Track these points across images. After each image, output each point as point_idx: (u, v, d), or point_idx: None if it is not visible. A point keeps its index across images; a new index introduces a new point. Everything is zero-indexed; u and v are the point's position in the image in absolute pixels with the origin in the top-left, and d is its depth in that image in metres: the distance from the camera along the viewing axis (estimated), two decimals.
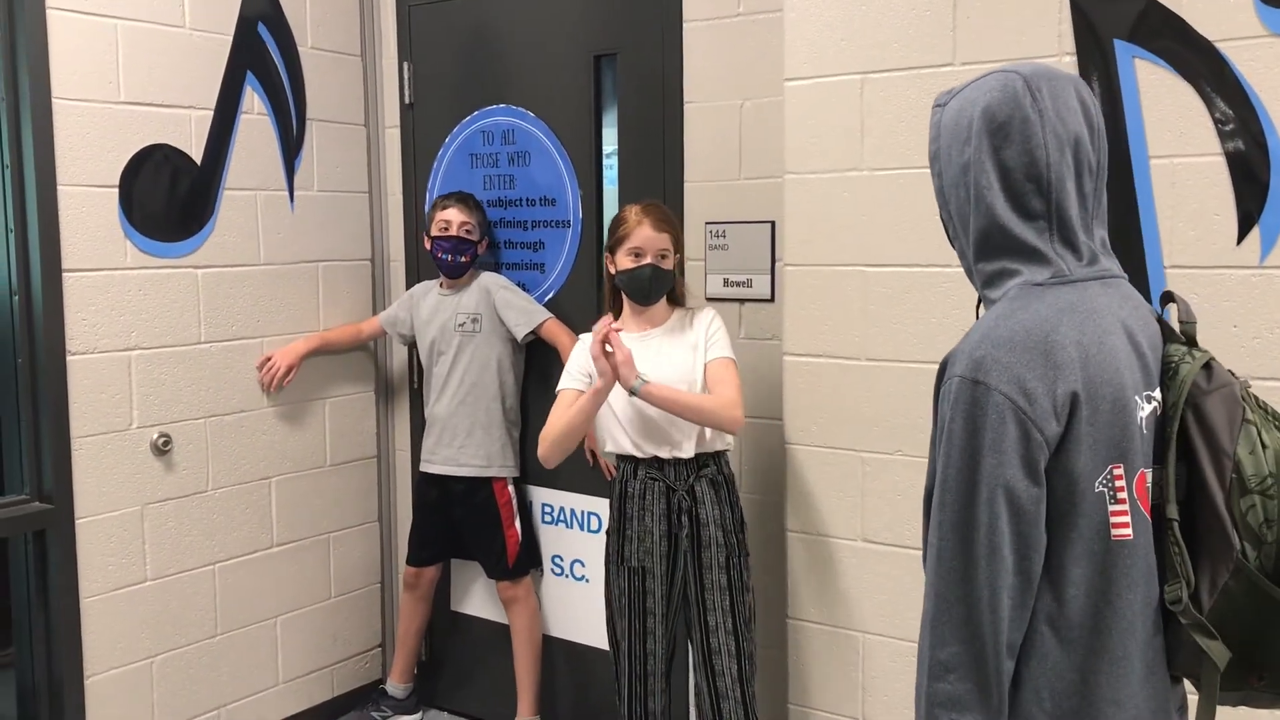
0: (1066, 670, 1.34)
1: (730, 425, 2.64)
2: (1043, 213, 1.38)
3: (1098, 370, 1.33)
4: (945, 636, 1.32)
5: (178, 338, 3.26)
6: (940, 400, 1.37)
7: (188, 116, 3.26)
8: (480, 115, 3.61)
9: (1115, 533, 1.34)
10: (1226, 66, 2.18)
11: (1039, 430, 1.30)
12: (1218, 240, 2.22)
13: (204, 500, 3.35)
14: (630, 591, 2.74)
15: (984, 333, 1.34)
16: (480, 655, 3.78)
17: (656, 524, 2.70)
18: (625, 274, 2.73)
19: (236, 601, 3.46)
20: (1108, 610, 1.34)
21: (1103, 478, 1.33)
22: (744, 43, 3.02)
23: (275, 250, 3.53)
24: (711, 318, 2.76)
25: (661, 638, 2.74)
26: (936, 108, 1.50)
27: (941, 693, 1.33)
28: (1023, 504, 1.30)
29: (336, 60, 3.72)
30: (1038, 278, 1.38)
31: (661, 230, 2.71)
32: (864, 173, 2.59)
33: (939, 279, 2.51)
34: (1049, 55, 2.34)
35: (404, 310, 3.63)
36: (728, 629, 2.69)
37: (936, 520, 1.34)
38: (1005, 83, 1.40)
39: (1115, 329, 1.38)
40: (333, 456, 3.76)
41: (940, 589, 1.33)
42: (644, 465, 2.72)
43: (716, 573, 2.70)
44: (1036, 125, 1.37)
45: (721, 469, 2.75)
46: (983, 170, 1.39)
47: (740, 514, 2.77)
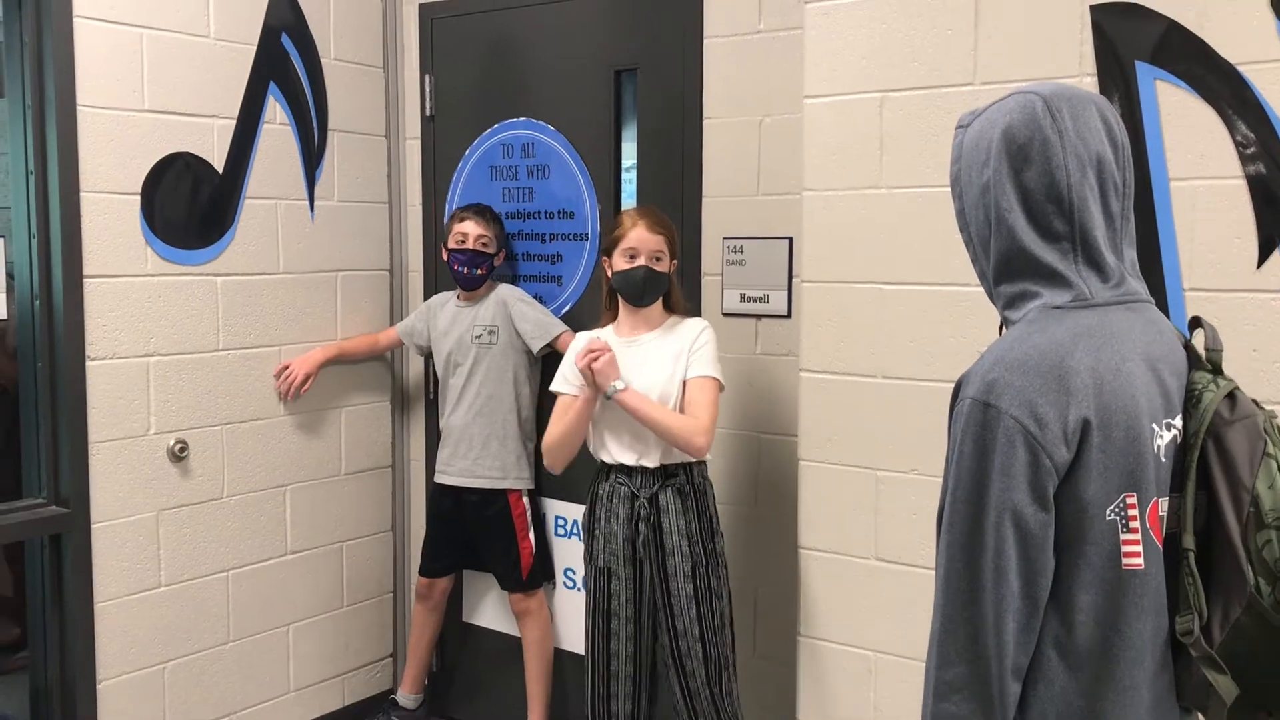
0: (1073, 696, 1.33)
1: (693, 451, 2.70)
2: (1066, 234, 1.37)
3: (1112, 397, 1.32)
4: (950, 657, 1.32)
5: (196, 344, 3.28)
6: (952, 421, 1.37)
7: (210, 125, 3.29)
8: (500, 128, 3.62)
9: (1126, 562, 1.32)
10: (1248, 89, 2.17)
11: (1048, 456, 1.29)
12: (1238, 264, 2.20)
13: (219, 507, 3.37)
14: (596, 591, 2.82)
15: (998, 355, 1.34)
16: (491, 667, 3.78)
17: (620, 527, 2.77)
18: (620, 275, 2.78)
19: (249, 608, 3.47)
20: (1116, 639, 1.33)
21: (1114, 505, 1.32)
22: (764, 59, 3.03)
23: (295, 259, 3.55)
24: (700, 330, 2.78)
25: (626, 640, 2.79)
26: (959, 129, 1.49)
27: (946, 713, 1.32)
28: (1030, 529, 1.29)
29: (358, 71, 3.74)
30: (1058, 300, 1.36)
31: (656, 232, 2.76)
32: (883, 191, 2.59)
33: (957, 298, 2.50)
34: (1070, 76, 2.33)
35: (421, 321, 3.65)
36: (695, 635, 2.74)
37: (945, 541, 1.34)
38: (1025, 104, 1.39)
39: (1134, 355, 1.36)
40: (348, 466, 3.77)
41: (947, 610, 1.33)
42: (613, 469, 2.79)
43: (682, 580, 2.74)
44: (1057, 146, 1.36)
45: (691, 479, 2.78)
46: (1003, 192, 1.38)
47: (712, 524, 2.80)
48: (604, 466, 2.84)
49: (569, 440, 2.78)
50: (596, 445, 2.83)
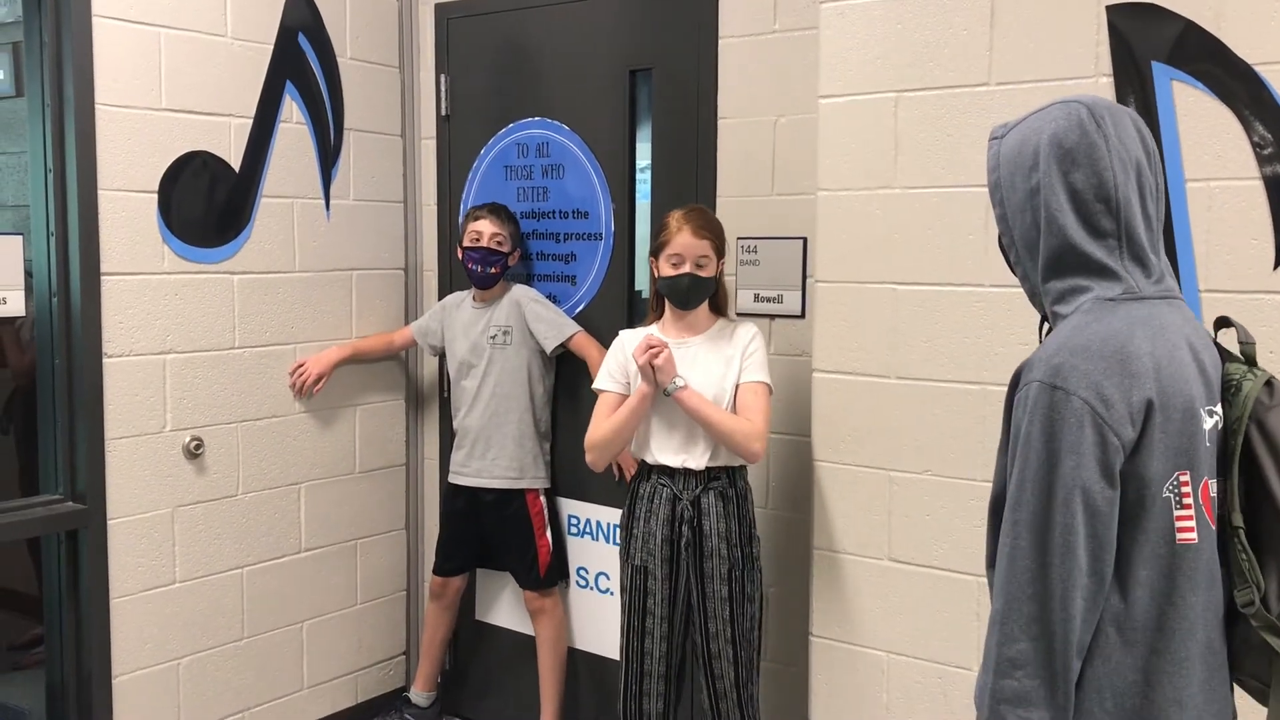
0: (1129, 670, 1.38)
1: (749, 456, 2.71)
2: (1113, 231, 1.44)
3: (1170, 381, 1.39)
4: (1014, 633, 1.36)
5: (212, 342, 3.29)
6: (1015, 406, 1.43)
7: (227, 124, 3.30)
8: (515, 128, 3.63)
9: (1180, 536, 1.39)
10: (1265, 89, 2.16)
11: (1115, 435, 1.35)
12: (1254, 265, 2.19)
13: (234, 504, 3.38)
14: (632, 589, 2.82)
15: (1061, 342, 1.40)
16: (504, 666, 3.78)
17: (660, 528, 2.76)
18: (665, 281, 2.78)
19: (263, 605, 3.49)
20: (1171, 611, 1.39)
21: (1170, 483, 1.38)
22: (779, 59, 3.03)
23: (310, 258, 3.56)
24: (753, 335, 2.79)
25: (661, 639, 2.79)
26: (993, 140, 1.56)
27: (1008, 689, 1.36)
28: (1098, 506, 1.35)
29: (375, 71, 3.76)
30: (1110, 293, 1.44)
31: (701, 237, 2.74)
32: (897, 191, 2.59)
33: (970, 298, 2.50)
34: (1086, 77, 2.33)
35: (435, 321, 3.65)
36: (727, 637, 2.75)
37: (1012, 520, 1.39)
38: (1070, 112, 1.47)
39: (1182, 344, 1.43)
40: (362, 464, 3.78)
41: (1011, 588, 1.38)
42: (655, 470, 2.79)
43: (718, 583, 2.74)
44: (1103, 149, 1.43)
45: (734, 482, 2.79)
46: (1053, 193, 1.45)
47: (750, 528, 2.80)
48: (645, 467, 2.82)
49: (619, 437, 2.77)
50: (640, 445, 2.81)
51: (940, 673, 2.59)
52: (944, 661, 2.59)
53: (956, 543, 2.55)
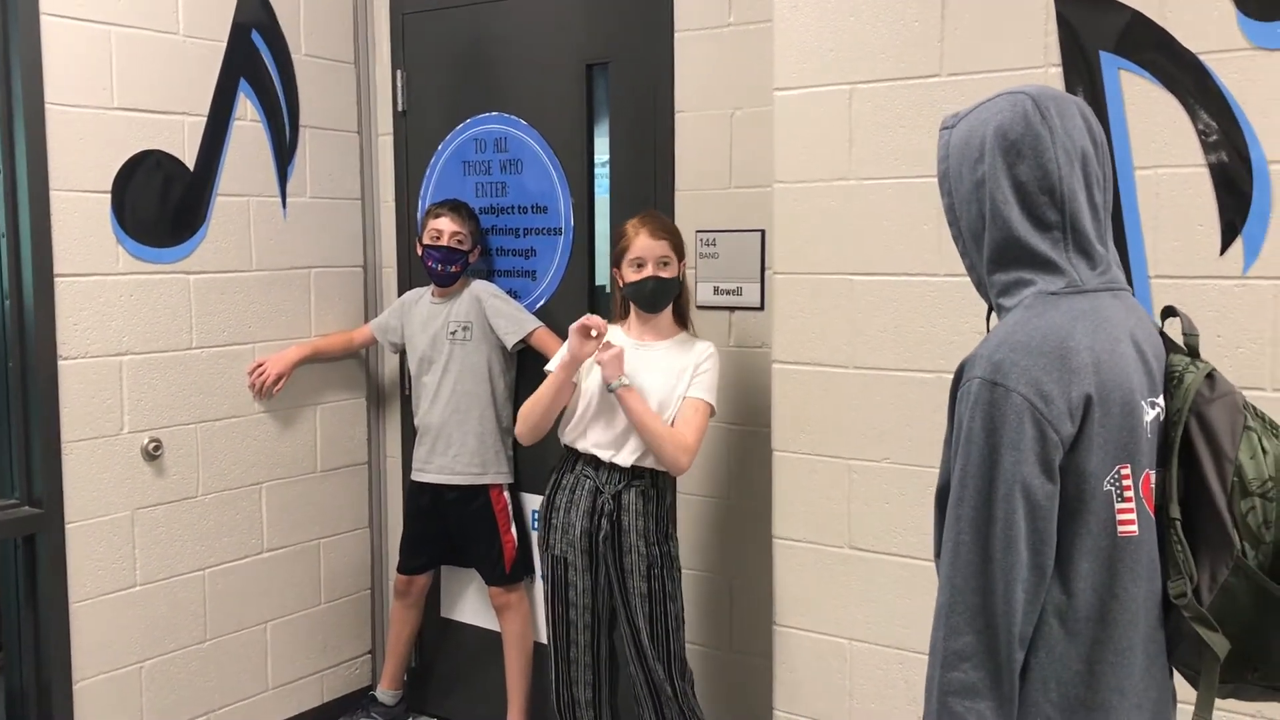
0: (1073, 661, 1.40)
1: (674, 467, 2.75)
2: (1057, 224, 1.45)
3: (1109, 375, 1.40)
4: (959, 626, 1.38)
5: (169, 343, 3.27)
6: (958, 402, 1.44)
7: (181, 123, 3.27)
8: (473, 123, 3.62)
9: (1121, 529, 1.40)
10: (1210, 79, 2.20)
11: (1055, 430, 1.36)
12: (1201, 251, 2.23)
13: (194, 505, 3.36)
14: (553, 578, 2.86)
15: (1002, 338, 1.41)
16: (470, 662, 3.78)
17: (579, 519, 2.80)
18: (630, 286, 2.81)
19: (226, 607, 3.46)
20: (1113, 603, 1.40)
21: (1110, 476, 1.40)
22: (735, 52, 3.04)
23: (267, 256, 3.54)
24: (709, 354, 2.83)
25: (584, 628, 2.84)
26: (944, 130, 1.57)
27: (955, 681, 1.37)
28: (1038, 500, 1.36)
29: (330, 67, 3.73)
30: (1052, 287, 1.44)
31: (659, 238, 2.78)
32: (852, 182, 2.61)
33: (926, 288, 2.52)
34: (1035, 67, 2.36)
35: (395, 318, 3.64)
36: (649, 633, 2.79)
37: (954, 515, 1.40)
38: (1015, 103, 1.47)
39: (1124, 337, 1.45)
40: (324, 463, 3.76)
41: (956, 581, 1.39)
42: (582, 460, 2.82)
43: (638, 579, 2.79)
44: (1047, 141, 1.44)
45: (655, 483, 2.82)
46: (998, 186, 1.46)
47: (669, 527, 2.85)
48: (570, 455, 2.86)
49: (541, 408, 2.80)
50: (573, 432, 2.84)
51: (902, 659, 2.62)
52: (905, 647, 2.61)
53: (916, 529, 2.58)
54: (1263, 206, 2.18)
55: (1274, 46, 2.14)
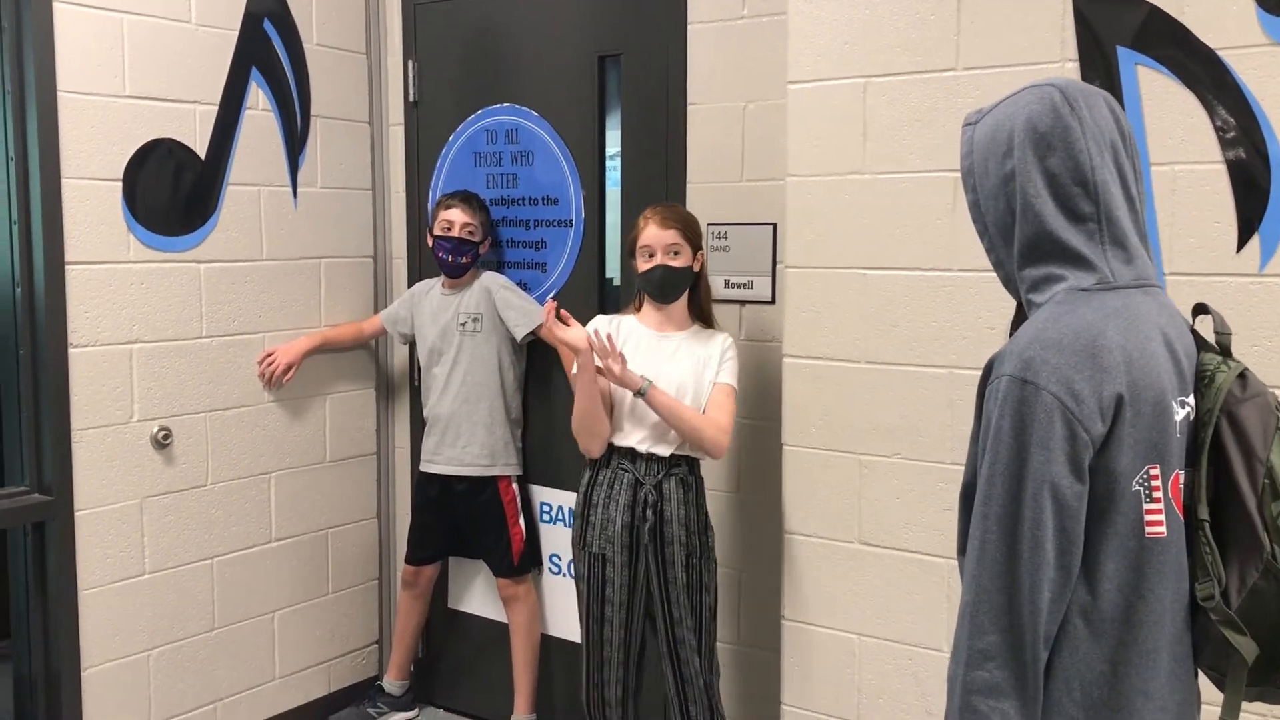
0: (1097, 661, 1.39)
1: (714, 450, 2.75)
2: (1092, 215, 1.43)
3: (1141, 374, 1.38)
4: (984, 625, 1.37)
5: (179, 332, 3.26)
6: (986, 398, 1.42)
7: (192, 111, 3.27)
8: (484, 114, 3.61)
9: (1149, 530, 1.39)
10: (1228, 74, 2.18)
11: (1085, 430, 1.34)
12: (1217, 248, 2.22)
13: (203, 494, 3.36)
14: (590, 577, 2.83)
15: (1033, 335, 1.39)
16: (477, 653, 3.78)
17: (620, 514, 2.77)
18: (641, 276, 2.81)
19: (234, 596, 3.47)
20: (1139, 604, 1.39)
21: (1139, 477, 1.38)
22: (748, 45, 3.02)
23: (278, 246, 3.53)
24: (730, 344, 2.85)
25: (620, 626, 2.81)
26: (967, 126, 1.55)
27: (979, 680, 1.37)
28: (1067, 500, 1.34)
29: (341, 57, 3.72)
30: (1084, 283, 1.42)
31: (668, 227, 2.76)
32: (866, 176, 2.60)
33: (939, 283, 2.51)
34: (1052, 62, 2.35)
35: (405, 309, 3.64)
36: (689, 625, 2.78)
37: (981, 513, 1.39)
38: (1043, 95, 1.45)
39: (1156, 336, 1.42)
40: (332, 453, 3.76)
41: (982, 580, 1.38)
42: (618, 454, 2.80)
43: (678, 569, 2.77)
44: (1078, 132, 1.42)
45: (693, 470, 2.82)
46: (1029, 179, 1.44)
47: (705, 517, 2.84)
48: (608, 450, 2.83)
49: (582, 417, 2.78)
50: (613, 430, 2.82)
51: (911, 654, 2.61)
52: (915, 644, 2.61)
53: (926, 526, 2.57)
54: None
55: None
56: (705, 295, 2.90)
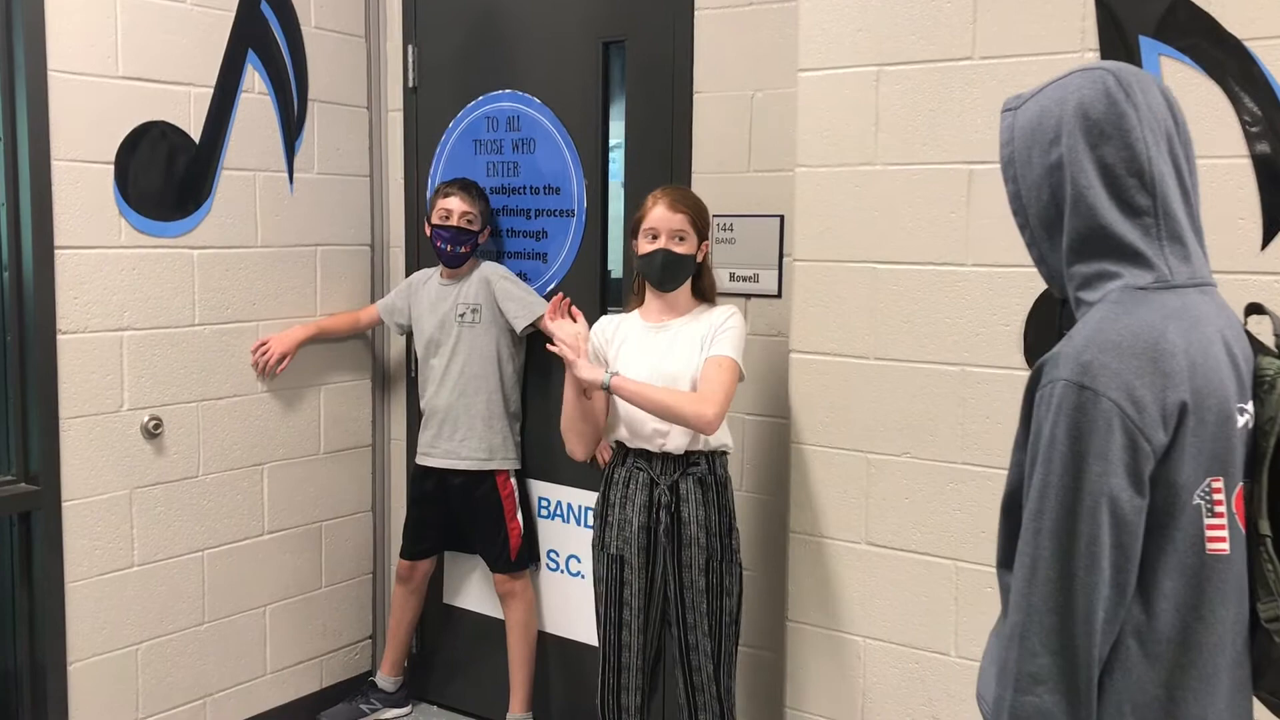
0: (1151, 686, 1.31)
1: (697, 424, 2.51)
2: (1149, 208, 1.34)
3: (1204, 380, 1.30)
4: (1035, 648, 1.30)
5: (171, 319, 3.20)
6: (1038, 404, 1.34)
7: (187, 94, 3.20)
8: (485, 100, 3.54)
9: (1211, 547, 1.31)
10: (1255, 66, 2.12)
11: (1146, 439, 1.26)
12: (1242, 244, 2.16)
13: (194, 485, 3.29)
14: (608, 578, 2.73)
15: (1089, 336, 1.31)
16: (472, 649, 3.72)
17: (636, 515, 2.67)
18: (642, 258, 2.68)
19: (225, 589, 3.40)
20: (1199, 626, 1.31)
21: (1201, 489, 1.30)
22: (756, 32, 2.95)
23: (273, 233, 3.46)
24: (729, 315, 2.65)
25: (638, 631, 2.70)
26: (1006, 112, 1.47)
27: (1029, 706, 1.30)
28: (1125, 515, 1.27)
29: (340, 40, 3.65)
30: (1140, 281, 1.34)
31: (677, 210, 2.64)
32: (877, 167, 2.53)
33: (952, 278, 2.45)
34: (1072, 51, 2.28)
35: (402, 299, 3.57)
36: (704, 630, 2.66)
37: (1033, 528, 1.31)
38: (1094, 79, 1.37)
39: (1217, 339, 1.35)
40: (327, 444, 3.70)
41: (1033, 599, 1.30)
42: (633, 454, 2.70)
43: (696, 573, 2.65)
44: (1133, 120, 1.34)
45: (714, 469, 2.67)
46: (1080, 169, 1.35)
47: (730, 519, 2.69)
48: (622, 450, 2.73)
49: (571, 422, 2.72)
50: (612, 426, 2.73)
51: (917, 658, 2.56)
52: (922, 647, 2.55)
53: (935, 526, 2.51)
54: None
55: None
56: (710, 284, 2.77)
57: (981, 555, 2.46)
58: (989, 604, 2.44)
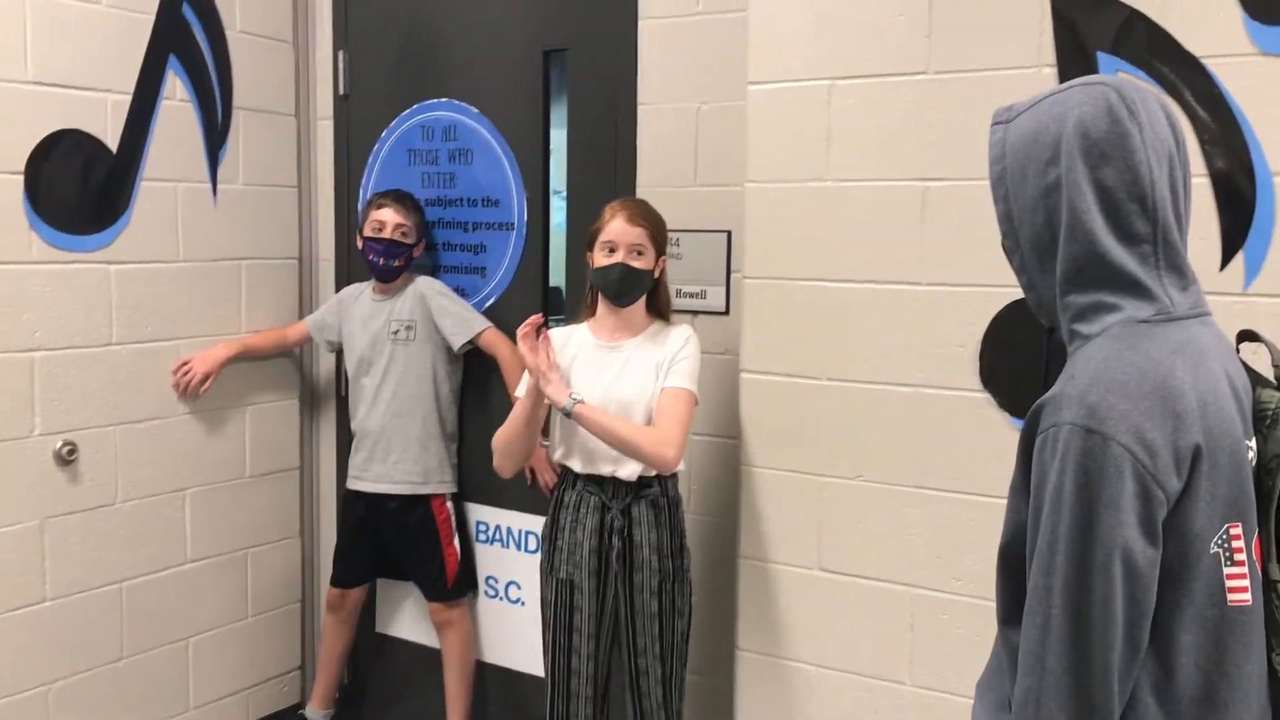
0: None
1: (661, 464, 2.49)
2: (1148, 236, 1.26)
3: (1216, 419, 1.22)
4: (1053, 712, 1.21)
5: (87, 338, 3.04)
6: (1039, 450, 1.25)
7: (103, 100, 3.04)
8: (420, 109, 3.43)
9: (1232, 598, 1.23)
10: (1214, 84, 2.09)
11: (1160, 486, 1.18)
12: (1200, 265, 2.06)
13: (112, 514, 3.13)
14: (557, 604, 2.64)
15: (1094, 375, 1.22)
16: (407, 680, 3.60)
17: (587, 538, 2.58)
18: (598, 271, 2.59)
19: (146, 622, 3.24)
20: (1223, 682, 1.23)
21: (1219, 537, 1.23)
22: (702, 43, 2.89)
23: (196, 246, 3.31)
24: (686, 340, 2.60)
25: (589, 657, 2.62)
26: (997, 125, 1.38)
27: None
28: (1139, 567, 1.19)
29: (267, 46, 3.51)
30: (1142, 314, 1.26)
31: (636, 224, 2.57)
32: (829, 183, 2.47)
33: (906, 297, 2.40)
34: (1028, 66, 2.24)
35: (332, 315, 3.43)
36: (655, 653, 2.60)
37: (1043, 585, 1.23)
38: (1096, 95, 1.28)
39: (1221, 373, 1.27)
40: (253, 468, 3.55)
41: (1047, 661, 1.22)
42: (583, 478, 2.61)
43: (648, 596, 2.59)
44: (1137, 140, 1.26)
45: (666, 491, 2.62)
46: (1078, 192, 1.26)
47: (682, 539, 2.65)
48: (570, 474, 2.64)
49: (513, 438, 2.59)
50: (566, 452, 2.62)
51: (870, 687, 2.50)
52: (875, 675, 2.49)
53: (889, 552, 2.45)
54: (1266, 220, 2.08)
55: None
56: (665, 301, 2.70)
57: (937, 581, 2.41)
58: (944, 631, 2.40)
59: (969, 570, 2.36)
